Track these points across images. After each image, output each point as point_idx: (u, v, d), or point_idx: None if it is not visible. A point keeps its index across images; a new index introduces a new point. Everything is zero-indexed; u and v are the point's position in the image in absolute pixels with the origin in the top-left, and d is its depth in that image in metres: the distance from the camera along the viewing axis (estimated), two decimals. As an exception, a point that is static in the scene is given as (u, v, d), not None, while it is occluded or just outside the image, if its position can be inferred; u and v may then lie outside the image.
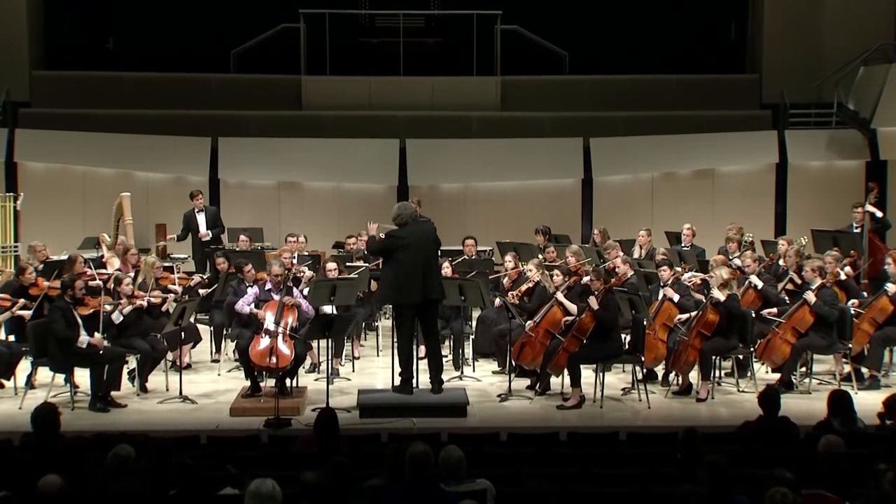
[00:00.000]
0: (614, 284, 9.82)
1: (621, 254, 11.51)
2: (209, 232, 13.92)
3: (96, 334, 9.41)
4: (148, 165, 16.32)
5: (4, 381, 10.02)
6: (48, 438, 6.90)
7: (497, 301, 10.69)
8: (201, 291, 11.25)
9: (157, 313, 10.31)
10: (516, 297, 10.41)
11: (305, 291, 10.34)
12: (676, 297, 10.05)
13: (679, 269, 10.60)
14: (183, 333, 10.08)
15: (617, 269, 10.60)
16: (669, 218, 15.43)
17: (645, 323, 9.69)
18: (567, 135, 16.79)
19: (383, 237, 9.51)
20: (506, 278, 11.22)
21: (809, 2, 17.35)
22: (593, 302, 9.48)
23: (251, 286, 10.19)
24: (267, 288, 9.97)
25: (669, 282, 10.18)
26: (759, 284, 10.51)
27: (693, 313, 9.92)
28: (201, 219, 14.00)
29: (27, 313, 10.00)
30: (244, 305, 9.87)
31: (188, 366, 10.81)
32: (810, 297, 9.81)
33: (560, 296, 9.89)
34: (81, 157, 16.23)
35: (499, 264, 12.38)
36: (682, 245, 12.84)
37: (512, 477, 6.43)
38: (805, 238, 12.00)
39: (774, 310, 10.24)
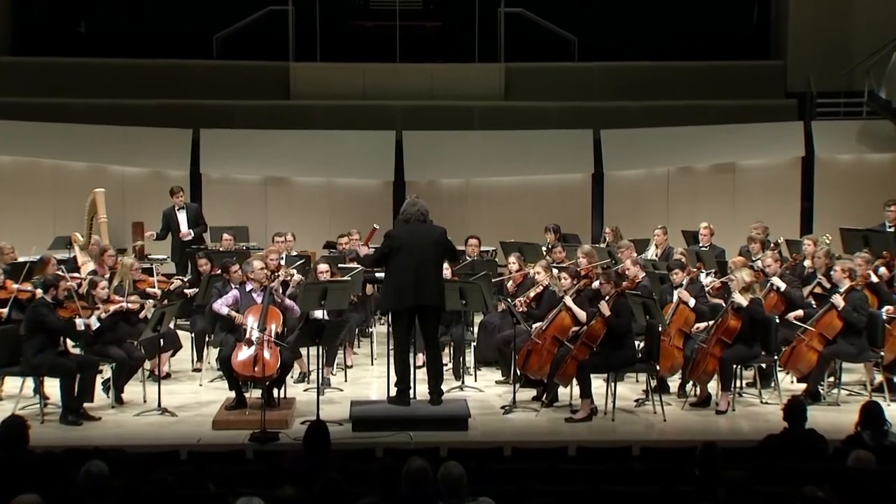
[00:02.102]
0: (626, 288, 9.82)
1: (634, 255, 11.51)
2: (191, 231, 13.93)
3: (89, 320, 9.46)
4: (124, 159, 16.32)
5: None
6: (16, 454, 6.89)
7: (500, 305, 10.68)
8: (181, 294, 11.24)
9: (134, 319, 10.30)
10: (524, 303, 10.40)
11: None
12: (692, 302, 10.05)
13: (693, 269, 10.58)
14: (162, 340, 10.08)
15: (627, 271, 10.60)
16: (686, 216, 15.44)
17: (660, 329, 9.69)
18: (576, 126, 16.80)
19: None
20: (510, 281, 11.22)
21: (838, -18, 17.41)
22: (604, 307, 9.48)
23: (237, 288, 10.17)
24: (248, 290, 9.96)
25: (684, 283, 10.17)
26: (782, 286, 10.51)
27: (711, 322, 9.91)
28: (182, 217, 14.00)
29: None
30: (222, 306, 9.88)
31: (167, 375, 10.80)
32: (838, 300, 9.81)
33: (568, 300, 9.89)
34: (51, 149, 16.23)
35: (502, 266, 12.38)
36: (700, 245, 12.84)
37: (517, 495, 6.43)
38: (829, 237, 11.98)
39: (801, 312, 10.23)
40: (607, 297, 9.57)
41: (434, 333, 9.60)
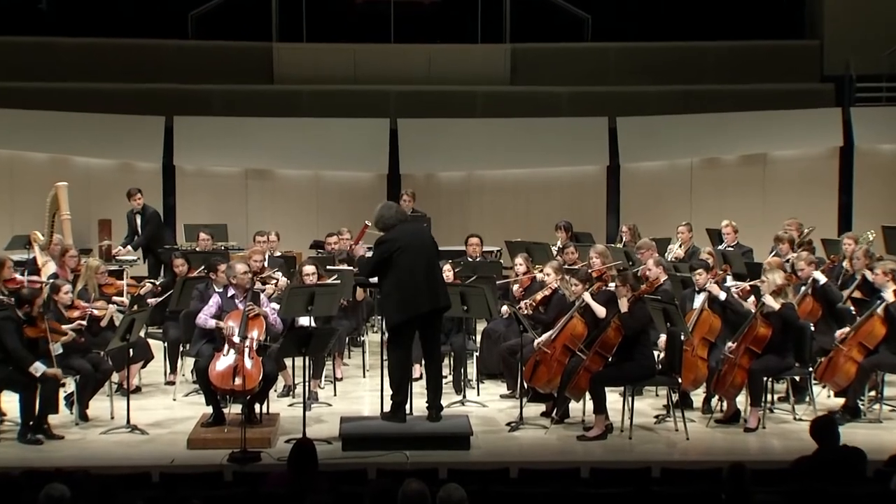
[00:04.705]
0: (645, 291, 9.81)
1: (656, 255, 11.50)
2: (129, 248, 13.85)
3: (53, 348, 9.37)
4: (89, 149, 16.34)
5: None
6: (-31, 475, 6.90)
7: (505, 310, 10.69)
8: (152, 300, 11.24)
9: (96, 328, 10.27)
10: (530, 306, 10.41)
11: (275, 304, 10.31)
12: (723, 295, 9.99)
13: (720, 271, 10.56)
14: (131, 350, 10.08)
15: (647, 273, 10.59)
16: (711, 212, 15.44)
17: (682, 338, 9.68)
18: (589, 114, 16.81)
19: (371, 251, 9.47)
20: (516, 285, 11.23)
21: (880, -45, 17.41)
22: (623, 304, 9.46)
23: (218, 292, 10.14)
24: (230, 295, 9.96)
25: (709, 284, 10.13)
26: (822, 279, 10.49)
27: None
28: (139, 222, 13.97)
29: None
30: (207, 319, 9.83)
31: (137, 389, 10.80)
32: (889, 296, 9.72)
33: (587, 296, 9.84)
34: (8, 139, 16.24)
35: (508, 267, 12.38)
36: (726, 245, 12.84)
37: (524, 521, 6.44)
38: (872, 232, 11.98)
39: (846, 329, 10.11)
40: (626, 300, 9.56)
41: (437, 342, 9.62)
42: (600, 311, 9.80)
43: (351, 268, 11.63)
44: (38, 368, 9.23)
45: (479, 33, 17.75)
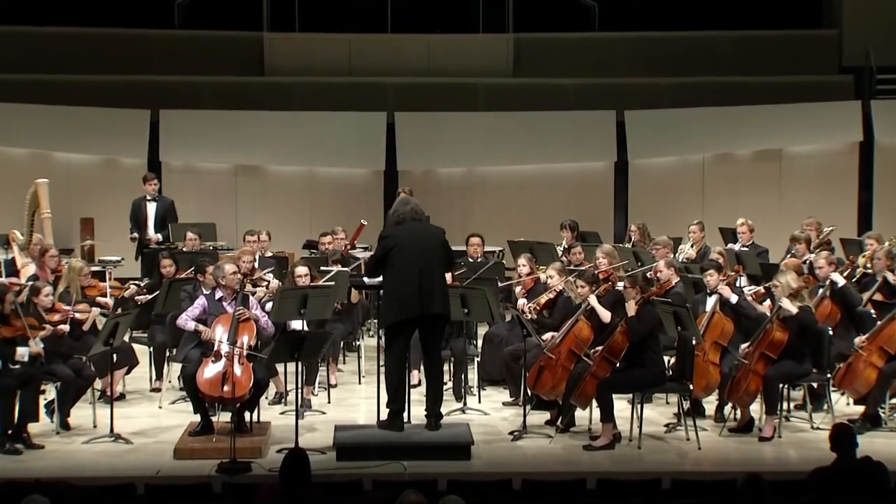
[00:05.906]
0: (654, 294, 9.81)
1: (671, 255, 11.49)
2: (159, 235, 13.83)
3: (31, 344, 9.36)
4: (70, 144, 16.34)
5: None
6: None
7: (508, 314, 10.68)
8: (141, 297, 11.24)
9: (78, 333, 10.27)
10: (534, 310, 10.41)
11: (268, 306, 10.32)
12: (735, 298, 10.00)
13: (731, 272, 10.56)
14: (115, 356, 10.07)
15: (659, 275, 10.59)
16: (725, 211, 15.44)
17: (693, 342, 9.68)
18: (596, 107, 16.83)
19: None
20: (519, 287, 11.23)
21: (902, -61, 17.43)
22: (631, 307, 9.46)
23: (205, 295, 10.14)
24: (218, 297, 9.96)
25: (720, 286, 10.13)
26: (841, 281, 10.48)
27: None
28: (151, 211, 13.94)
29: None
30: (187, 321, 9.85)
31: (121, 396, 10.80)
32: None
33: (593, 299, 9.86)
34: (-14, 133, 16.26)
35: (510, 269, 12.39)
36: (740, 245, 12.84)
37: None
38: (894, 239, 11.99)
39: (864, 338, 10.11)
40: (633, 303, 9.56)
41: (438, 347, 9.62)
42: (605, 315, 9.80)
43: (346, 269, 11.62)
44: (22, 354, 9.25)
45: (481, 23, 17.77)
